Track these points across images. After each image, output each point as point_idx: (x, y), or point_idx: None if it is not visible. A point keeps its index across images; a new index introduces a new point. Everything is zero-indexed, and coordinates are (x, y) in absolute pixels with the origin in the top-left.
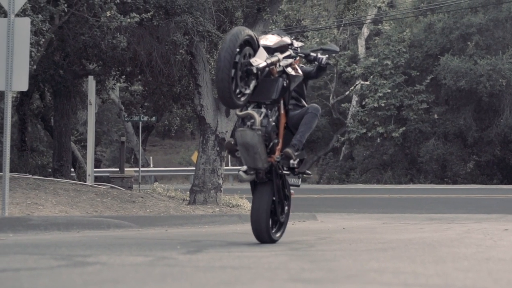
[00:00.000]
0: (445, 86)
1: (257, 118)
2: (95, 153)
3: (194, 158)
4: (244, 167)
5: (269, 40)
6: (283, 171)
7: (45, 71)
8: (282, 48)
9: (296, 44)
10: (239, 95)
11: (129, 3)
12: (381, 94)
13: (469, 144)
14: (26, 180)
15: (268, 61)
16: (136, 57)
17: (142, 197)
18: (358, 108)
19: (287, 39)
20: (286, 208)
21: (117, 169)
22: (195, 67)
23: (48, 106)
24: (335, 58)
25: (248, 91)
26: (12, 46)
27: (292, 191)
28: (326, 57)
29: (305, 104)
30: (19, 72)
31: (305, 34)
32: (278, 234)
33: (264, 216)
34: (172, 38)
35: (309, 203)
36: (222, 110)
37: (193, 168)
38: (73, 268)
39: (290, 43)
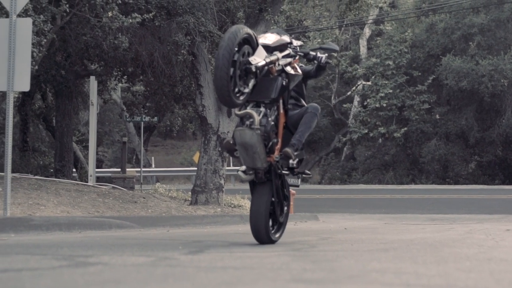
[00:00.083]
0: (446, 87)
1: (256, 118)
2: (96, 153)
3: (195, 158)
4: (243, 167)
5: (268, 38)
6: (282, 171)
7: (47, 72)
8: (281, 47)
9: (295, 43)
10: (238, 94)
11: (130, 4)
12: (382, 95)
13: (471, 145)
14: (28, 181)
15: (267, 59)
16: (137, 57)
17: (143, 198)
18: (360, 109)
19: (286, 38)
20: (285, 208)
21: (119, 170)
22: (196, 68)
23: (50, 107)
24: (337, 58)
25: (247, 90)
26: (14, 46)
27: (293, 191)
28: (325, 56)
29: (305, 103)
30: (21, 73)
31: (306, 34)
32: (277, 235)
33: (263, 216)
34: (174, 39)
35: (311, 203)
36: (224, 111)
37: (195, 168)
38: (75, 269)
39: (289, 42)
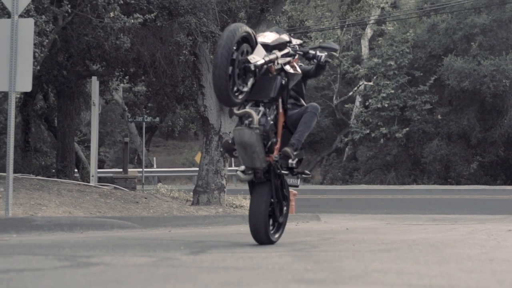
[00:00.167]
0: (448, 87)
1: (255, 117)
2: (98, 153)
3: (197, 158)
4: (242, 167)
5: (267, 37)
6: (282, 171)
7: (48, 72)
8: (280, 46)
9: (295, 41)
10: (236, 93)
11: (132, 4)
12: (384, 95)
13: (472, 145)
14: (29, 181)
15: (266, 58)
16: (139, 57)
17: (145, 198)
18: (362, 109)
19: (285, 37)
20: (285, 208)
21: (121, 170)
22: (198, 68)
23: (52, 107)
24: (338, 58)
25: (246, 89)
26: (15, 47)
27: (295, 191)
28: (325, 54)
29: (304, 103)
30: (22, 73)
31: (308, 34)
32: (276, 235)
33: (263, 216)
34: (176, 39)
35: (312, 203)
36: (226, 111)
37: (197, 168)
38: (77, 269)
39: (288, 41)
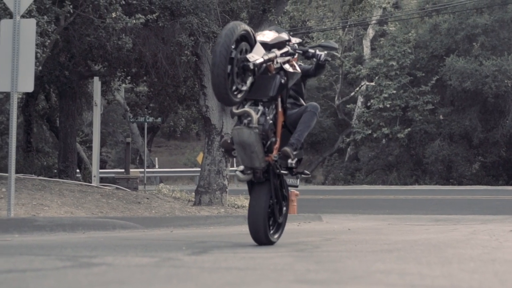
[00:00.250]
0: (450, 87)
1: (254, 116)
2: (100, 154)
3: (199, 159)
4: (241, 167)
5: (266, 36)
6: (281, 170)
7: (50, 72)
8: (279, 45)
9: (294, 40)
10: (235, 91)
11: (134, 4)
12: (386, 95)
13: (474, 145)
14: (31, 181)
15: (265, 57)
16: (141, 58)
17: (147, 198)
18: (364, 109)
19: (284, 35)
20: (284, 209)
21: (123, 170)
22: (200, 68)
23: (54, 107)
24: (340, 59)
25: (244, 88)
26: (17, 47)
27: (297, 192)
28: (324, 53)
29: (304, 103)
30: (24, 73)
31: (310, 35)
32: (276, 236)
33: (262, 217)
34: (178, 39)
35: (314, 204)
36: (228, 111)
37: (199, 169)
38: (79, 269)
39: (287, 40)
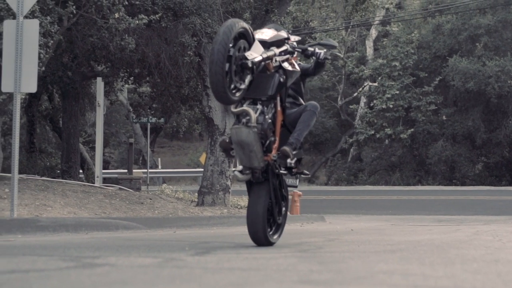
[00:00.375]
0: (453, 88)
1: (253, 115)
2: (103, 154)
3: (202, 159)
4: (240, 167)
5: (264, 34)
6: (280, 170)
7: (53, 73)
8: (278, 43)
9: (293, 38)
10: (234, 90)
11: (137, 5)
12: (389, 96)
13: (477, 146)
14: (34, 182)
15: (264, 55)
16: (144, 58)
17: (150, 199)
18: (366, 110)
19: (283, 33)
20: (283, 209)
21: (126, 171)
22: (203, 69)
23: (57, 108)
24: (343, 59)
25: (243, 86)
26: (20, 48)
27: (300, 192)
28: (324, 52)
29: (303, 102)
30: (27, 74)
31: (313, 35)
32: (275, 236)
33: (261, 217)
34: (180, 40)
35: (317, 204)
36: (230, 112)
37: (201, 169)
38: (82, 270)
39: (286, 38)
